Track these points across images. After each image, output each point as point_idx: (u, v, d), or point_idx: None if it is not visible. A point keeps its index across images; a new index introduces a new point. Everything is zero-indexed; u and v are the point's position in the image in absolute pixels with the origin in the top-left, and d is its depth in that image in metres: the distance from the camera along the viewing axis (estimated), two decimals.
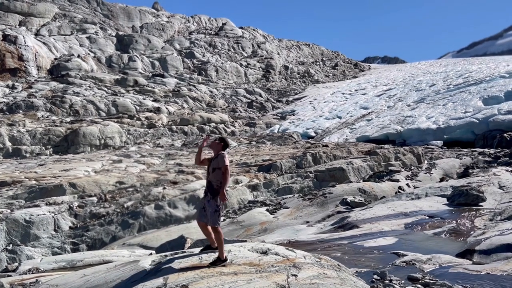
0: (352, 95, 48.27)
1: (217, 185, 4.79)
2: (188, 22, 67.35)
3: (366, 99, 44.53)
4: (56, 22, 47.15)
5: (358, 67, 78.71)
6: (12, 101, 30.87)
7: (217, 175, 4.82)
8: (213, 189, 4.80)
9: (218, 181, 4.80)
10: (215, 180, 4.81)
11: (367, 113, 38.86)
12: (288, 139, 31.42)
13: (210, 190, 4.80)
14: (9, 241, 13.11)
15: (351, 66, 77.38)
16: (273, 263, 3.99)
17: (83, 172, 18.56)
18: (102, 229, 14.22)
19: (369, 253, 6.55)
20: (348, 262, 5.82)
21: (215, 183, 4.81)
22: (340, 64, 75.48)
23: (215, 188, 4.79)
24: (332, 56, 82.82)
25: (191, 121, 34.41)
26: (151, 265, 4.20)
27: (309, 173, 18.63)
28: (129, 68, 44.58)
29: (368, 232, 8.14)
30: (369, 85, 53.16)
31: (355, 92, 49.50)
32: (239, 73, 53.92)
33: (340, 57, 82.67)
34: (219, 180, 4.80)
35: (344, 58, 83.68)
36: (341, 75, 68.93)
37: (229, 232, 11.67)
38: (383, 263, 5.85)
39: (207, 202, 4.78)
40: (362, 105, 42.01)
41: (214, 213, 4.69)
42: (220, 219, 4.74)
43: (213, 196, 4.76)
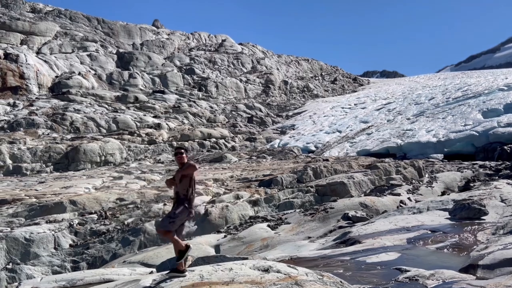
0: (352, 109, 48.43)
1: (184, 194, 4.83)
2: (188, 39, 68.02)
3: (366, 113, 44.66)
4: (57, 41, 47.63)
5: (357, 81, 79.15)
6: (13, 119, 30.99)
7: (184, 184, 4.87)
8: (180, 199, 4.82)
9: (184, 190, 4.85)
10: (182, 189, 4.86)
11: (367, 127, 38.94)
12: (288, 154, 31.42)
13: (178, 200, 4.83)
14: (9, 260, 13.01)
15: (350, 81, 77.83)
16: (275, 281, 3.96)
17: (84, 189, 18.52)
18: (102, 247, 14.12)
19: (371, 269, 6.49)
20: (351, 278, 5.77)
21: (181, 192, 4.86)
22: (339, 78, 75.94)
23: (182, 197, 4.83)
24: (331, 70, 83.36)
25: (192, 137, 34.47)
26: (152, 284, 4.16)
27: (310, 187, 18.57)
28: (130, 85, 44.86)
29: (370, 247, 8.08)
30: (368, 99, 53.38)
31: (354, 106, 49.67)
32: (239, 89, 54.22)
33: (339, 72, 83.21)
34: (185, 189, 4.84)
35: (343, 72, 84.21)
36: (340, 90, 69.28)
37: (230, 249, 11.58)
38: (386, 279, 5.80)
39: (172, 209, 4.81)
40: (362, 119, 42.12)
41: (167, 218, 4.69)
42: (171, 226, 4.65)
43: (178, 203, 4.79)
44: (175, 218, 4.65)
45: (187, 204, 4.76)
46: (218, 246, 12.13)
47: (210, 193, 18.80)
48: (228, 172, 23.60)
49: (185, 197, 4.82)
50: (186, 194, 4.82)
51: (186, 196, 4.82)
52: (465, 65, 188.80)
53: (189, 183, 4.89)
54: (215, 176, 22.14)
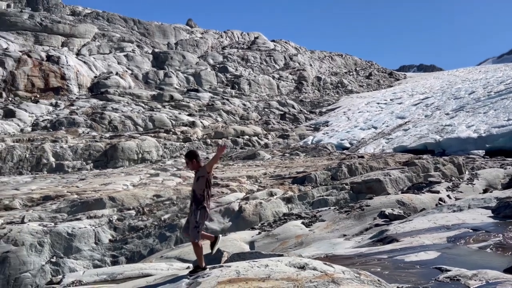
0: (388, 104, 47.36)
1: (201, 194, 4.99)
2: (221, 38, 68.56)
3: (403, 108, 43.56)
4: (95, 42, 49.19)
5: (393, 76, 77.29)
6: (55, 119, 32.29)
7: (201, 184, 5.02)
8: (197, 198, 5.01)
9: (201, 190, 4.99)
10: (199, 189, 5.02)
11: (404, 122, 37.97)
12: (322, 151, 31.12)
13: (195, 199, 5.02)
14: (53, 254, 13.58)
15: (385, 75, 76.10)
16: (311, 279, 3.93)
17: (122, 186, 19.06)
18: (140, 242, 14.50)
19: (410, 268, 6.34)
20: (388, 277, 5.65)
21: (198, 192, 5.02)
22: (374, 73, 74.42)
23: (199, 197, 5.00)
24: (366, 65, 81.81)
25: (225, 134, 34.76)
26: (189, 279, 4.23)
27: (345, 185, 18.33)
28: (165, 84, 45.74)
29: (408, 246, 7.89)
30: (405, 94, 52.03)
31: (390, 102, 48.54)
32: (272, 86, 54.16)
33: (374, 67, 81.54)
34: (202, 189, 4.99)
35: (378, 67, 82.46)
36: (375, 85, 67.90)
37: (265, 246, 11.61)
38: (426, 279, 5.64)
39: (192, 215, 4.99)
40: (398, 115, 41.11)
41: (194, 228, 4.89)
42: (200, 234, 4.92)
43: (196, 206, 4.97)
44: (199, 225, 4.91)
45: (205, 204, 4.98)
46: (253, 242, 12.19)
47: (244, 190, 18.91)
48: (262, 169, 23.65)
49: (201, 197, 5.00)
50: (203, 194, 5.00)
51: (202, 196, 5.00)
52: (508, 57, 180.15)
53: (205, 184, 5.04)
54: (248, 173, 22.24)
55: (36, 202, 16.54)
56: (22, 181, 21.09)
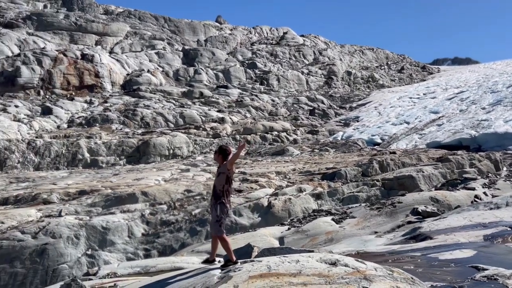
0: (421, 99, 46.17)
1: (220, 189, 5.15)
2: (250, 33, 68.61)
3: (436, 103, 42.37)
4: (128, 40, 50.27)
5: (426, 69, 75.22)
6: (90, 115, 33.27)
7: (221, 179, 5.19)
8: (216, 194, 5.19)
9: (221, 185, 5.15)
10: (219, 184, 5.18)
11: (438, 117, 36.94)
12: (352, 146, 30.71)
13: (214, 194, 5.21)
14: (88, 246, 14.04)
15: (418, 69, 74.16)
16: (342, 275, 3.90)
17: (154, 181, 19.46)
18: (171, 236, 14.78)
19: (444, 266, 6.18)
20: (422, 275, 5.54)
21: (218, 187, 5.18)
22: (406, 67, 72.65)
23: (218, 192, 5.16)
24: (398, 59, 79.96)
25: (254, 130, 34.84)
26: (221, 272, 4.29)
27: (376, 181, 18.04)
28: (195, 80, 46.25)
29: (442, 243, 7.70)
30: (438, 88, 50.56)
31: (423, 96, 47.30)
32: (301, 81, 53.80)
33: (406, 60, 79.60)
34: (222, 184, 5.15)
35: (410, 61, 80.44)
36: (407, 79, 66.28)
37: (294, 241, 11.60)
38: (461, 277, 5.49)
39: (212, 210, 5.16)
40: (431, 109, 40.02)
41: (216, 222, 5.06)
42: (222, 227, 5.08)
43: (215, 201, 5.14)
44: (221, 219, 5.06)
45: (224, 200, 5.13)
46: (282, 238, 12.21)
47: (273, 186, 18.92)
48: (290, 165, 23.59)
49: (221, 192, 5.15)
50: (222, 190, 5.15)
51: (222, 191, 5.14)
52: None
53: (225, 180, 5.18)
54: (277, 169, 22.23)
55: (72, 196, 17.13)
56: (59, 176, 21.88)
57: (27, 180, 20.79)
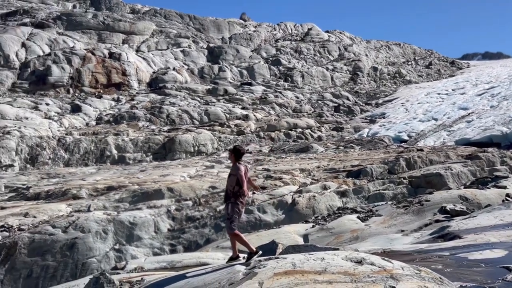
0: (449, 95, 45.01)
1: (230, 190, 5.40)
2: (274, 30, 68.40)
3: (465, 99, 41.22)
4: (153, 38, 50.98)
5: (455, 65, 73.23)
6: (117, 113, 33.96)
7: (231, 181, 5.43)
8: (227, 194, 5.47)
9: (231, 186, 5.38)
10: (230, 185, 5.44)
11: (467, 114, 35.94)
12: (378, 143, 30.25)
13: (226, 194, 5.49)
14: (116, 241, 14.36)
15: (447, 64, 72.29)
16: (369, 274, 3.86)
17: (179, 177, 19.71)
18: (197, 232, 14.96)
19: (474, 266, 6.03)
20: (451, 275, 5.41)
21: (229, 188, 5.44)
22: (434, 62, 70.93)
23: (228, 193, 5.44)
24: (426, 54, 78.16)
25: (278, 127, 34.78)
26: (246, 269, 4.31)
27: (403, 179, 17.74)
28: (219, 78, 46.50)
29: (472, 243, 7.50)
30: (468, 83, 49.16)
31: (452, 92, 46.09)
32: (325, 77, 53.32)
33: (434, 55, 77.71)
34: (233, 186, 5.37)
35: (439, 56, 78.48)
36: (436, 75, 64.71)
37: (319, 239, 11.54)
38: (492, 278, 5.34)
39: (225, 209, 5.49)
40: (460, 106, 38.97)
41: (227, 220, 5.38)
42: (233, 225, 5.35)
43: (226, 200, 5.45)
44: (232, 217, 5.33)
45: (233, 200, 5.34)
46: (306, 235, 12.17)
47: (297, 183, 18.86)
48: (315, 162, 23.44)
49: (231, 193, 5.39)
50: (232, 191, 5.38)
51: (232, 192, 5.38)
52: None
53: (236, 182, 5.40)
54: (301, 166, 22.14)
55: (100, 192, 17.55)
56: (88, 172, 22.45)
57: (58, 176, 21.43)
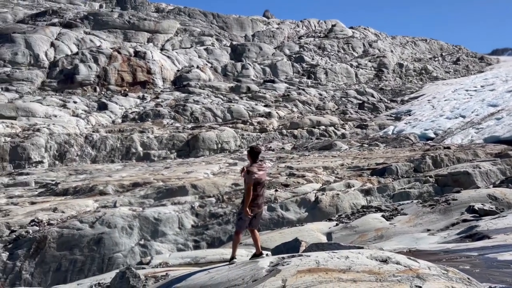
0: (478, 91, 43.77)
1: (243, 192, 5.74)
2: (297, 27, 68.03)
3: (495, 96, 40.01)
4: (178, 37, 51.51)
5: (484, 60, 71.12)
6: (142, 111, 34.51)
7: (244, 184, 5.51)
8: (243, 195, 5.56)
9: (244, 189, 5.47)
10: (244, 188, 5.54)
11: (497, 111, 34.89)
12: (404, 141, 29.73)
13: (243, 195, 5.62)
14: (141, 237, 14.63)
15: (475, 60, 70.29)
16: (394, 273, 3.80)
17: (203, 174, 19.90)
18: (220, 228, 15.08)
19: (504, 267, 5.86)
20: (479, 276, 5.28)
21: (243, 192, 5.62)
22: (462, 58, 69.08)
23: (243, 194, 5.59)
24: (453, 50, 76.21)
25: (301, 125, 34.62)
26: (269, 266, 4.32)
27: (429, 177, 17.40)
28: (242, 75, 46.61)
29: (502, 243, 7.29)
30: (498, 80, 47.68)
31: (481, 88, 44.81)
32: (349, 74, 52.72)
33: (462, 51, 75.69)
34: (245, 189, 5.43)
35: (467, 52, 76.39)
36: (464, 71, 63.04)
37: (343, 237, 11.45)
38: None
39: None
40: (490, 103, 37.85)
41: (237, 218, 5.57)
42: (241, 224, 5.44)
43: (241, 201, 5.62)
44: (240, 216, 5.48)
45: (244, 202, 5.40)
46: (330, 234, 12.09)
47: (320, 181, 18.75)
48: (338, 160, 23.23)
49: (243, 195, 5.51)
50: (244, 193, 5.48)
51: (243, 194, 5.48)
52: None
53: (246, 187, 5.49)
54: (324, 164, 21.97)
55: (126, 188, 17.90)
56: (114, 169, 22.91)
57: (85, 172, 21.96)
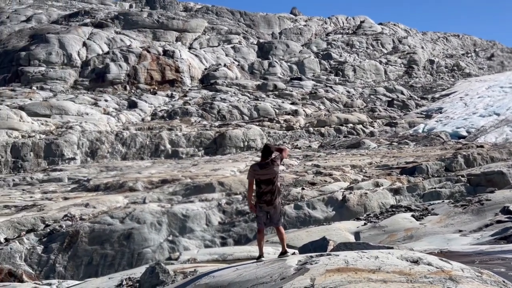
0: None
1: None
2: (325, 24, 67.36)
3: None
4: (205, 36, 51.94)
5: None
6: (171, 109, 35.03)
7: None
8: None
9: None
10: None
11: None
12: (434, 140, 29.03)
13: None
14: (170, 233, 14.86)
15: (511, 56, 67.75)
16: (426, 274, 3.72)
17: (230, 171, 20.02)
18: (246, 226, 15.13)
19: None
20: None
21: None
22: (497, 54, 66.73)
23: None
24: (487, 46, 73.68)
25: (328, 123, 34.31)
26: (297, 264, 4.31)
27: (461, 176, 16.93)
28: (269, 73, 46.55)
29: None
30: None
31: None
32: (378, 71, 51.83)
33: (497, 47, 73.07)
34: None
35: (502, 47, 73.68)
36: (498, 67, 60.90)
37: (371, 237, 11.30)
38: None
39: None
40: None
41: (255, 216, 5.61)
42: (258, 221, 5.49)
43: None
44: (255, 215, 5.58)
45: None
46: (358, 233, 11.95)
47: (348, 180, 18.54)
48: (367, 159, 22.91)
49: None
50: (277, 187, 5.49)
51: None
52: None
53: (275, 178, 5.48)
54: (352, 163, 21.71)
55: (155, 185, 18.22)
56: (143, 166, 23.36)
57: (115, 169, 22.49)
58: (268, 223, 5.52)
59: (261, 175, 5.35)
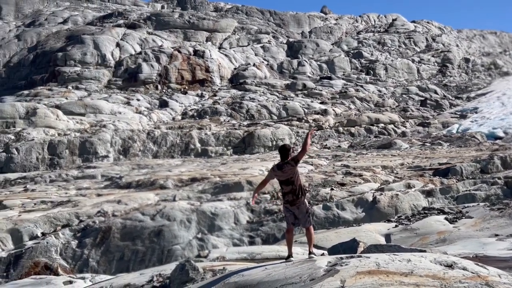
0: None
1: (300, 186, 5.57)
2: (356, 22, 66.39)
3: None
4: (235, 35, 52.21)
5: None
6: (201, 108, 35.44)
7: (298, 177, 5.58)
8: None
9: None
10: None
11: None
12: (469, 140, 28.12)
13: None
14: (199, 230, 15.03)
15: None
16: (460, 279, 3.61)
17: (258, 171, 20.05)
18: (274, 225, 15.11)
19: None
20: None
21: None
22: None
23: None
24: None
25: (358, 122, 33.82)
26: (327, 265, 4.27)
27: (497, 179, 16.33)
28: (298, 72, 46.32)
29: None
30: None
31: None
32: (411, 70, 50.67)
33: None
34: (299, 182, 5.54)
35: None
36: None
37: (402, 239, 11.05)
38: None
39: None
40: None
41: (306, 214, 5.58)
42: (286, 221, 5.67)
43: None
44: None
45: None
46: (389, 235, 11.71)
47: (378, 181, 18.22)
48: (398, 159, 22.45)
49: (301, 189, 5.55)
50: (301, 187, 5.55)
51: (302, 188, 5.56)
52: None
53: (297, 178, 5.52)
54: (383, 163, 21.33)
55: (185, 183, 18.48)
56: (174, 164, 23.73)
57: (147, 167, 22.95)
58: (297, 223, 5.51)
59: (280, 176, 5.40)
